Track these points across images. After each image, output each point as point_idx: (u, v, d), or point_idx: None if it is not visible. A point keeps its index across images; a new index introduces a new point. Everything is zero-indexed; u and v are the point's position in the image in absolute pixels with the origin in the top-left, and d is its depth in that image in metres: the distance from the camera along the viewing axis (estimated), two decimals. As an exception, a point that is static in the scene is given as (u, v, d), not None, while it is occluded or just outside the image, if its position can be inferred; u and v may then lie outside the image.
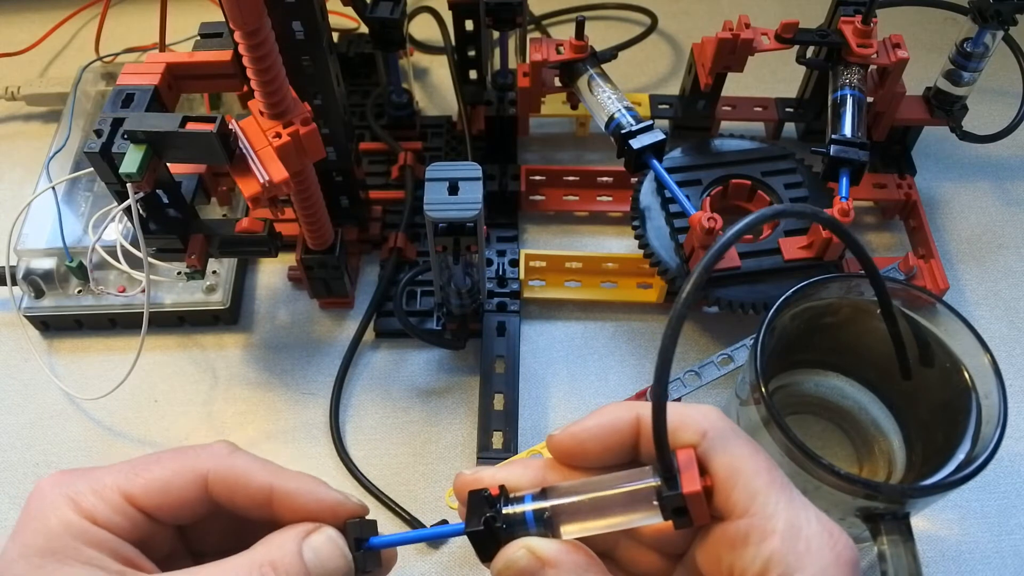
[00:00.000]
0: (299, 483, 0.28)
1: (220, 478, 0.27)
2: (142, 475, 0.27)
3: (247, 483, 0.27)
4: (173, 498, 0.27)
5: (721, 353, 0.43)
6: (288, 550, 0.26)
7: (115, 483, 0.26)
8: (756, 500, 0.24)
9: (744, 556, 0.24)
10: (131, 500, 0.26)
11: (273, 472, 0.28)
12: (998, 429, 0.31)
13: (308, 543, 0.26)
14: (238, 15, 0.32)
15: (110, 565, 0.25)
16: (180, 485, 0.27)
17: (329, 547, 0.26)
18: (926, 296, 0.35)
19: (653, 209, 0.48)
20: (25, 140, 0.61)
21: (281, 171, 0.36)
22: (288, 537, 0.26)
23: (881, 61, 0.49)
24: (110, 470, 0.27)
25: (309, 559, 0.26)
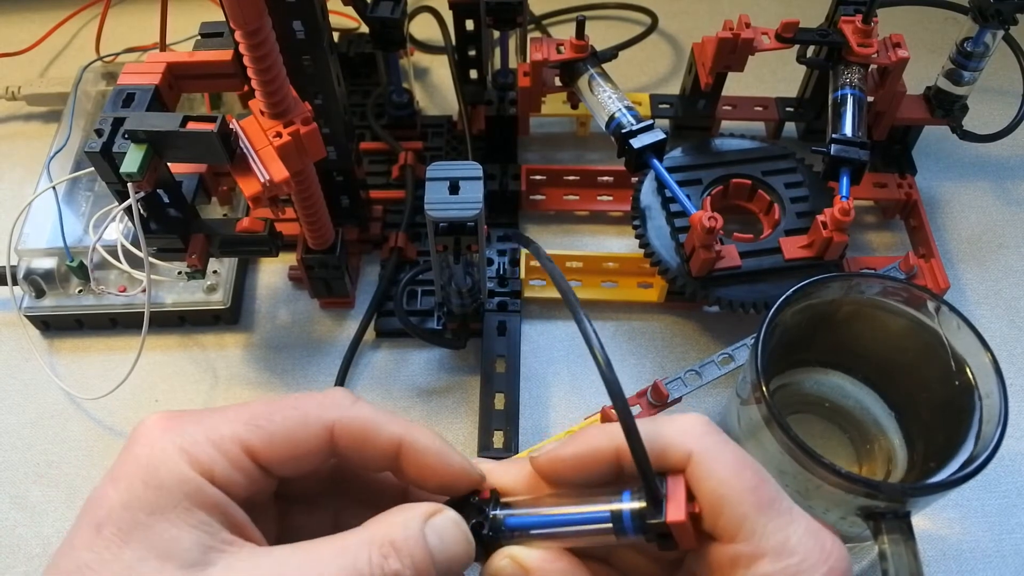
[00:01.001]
0: (430, 441, 0.26)
1: (347, 430, 0.25)
2: (264, 426, 0.24)
3: (376, 435, 0.25)
4: (298, 452, 0.25)
5: (722, 352, 0.43)
6: (412, 531, 0.24)
7: (235, 434, 0.24)
8: (744, 526, 0.23)
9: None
10: (252, 454, 0.24)
11: (402, 425, 0.26)
12: (999, 428, 0.31)
13: (432, 525, 0.24)
14: (238, 15, 0.32)
15: (221, 532, 0.23)
16: (305, 438, 0.25)
17: (454, 531, 0.25)
18: (927, 295, 0.35)
19: (653, 209, 0.48)
20: (25, 140, 0.61)
21: (282, 171, 0.36)
22: (411, 517, 0.24)
23: (881, 61, 0.49)
24: (224, 417, 0.24)
25: (433, 543, 0.24)
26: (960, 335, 0.35)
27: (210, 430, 0.24)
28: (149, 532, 0.22)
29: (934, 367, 0.36)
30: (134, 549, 0.21)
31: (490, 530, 0.26)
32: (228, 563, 0.22)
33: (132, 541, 0.22)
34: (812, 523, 0.24)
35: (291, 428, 0.24)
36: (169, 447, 0.23)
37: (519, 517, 0.26)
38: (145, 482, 0.22)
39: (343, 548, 0.23)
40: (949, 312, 0.35)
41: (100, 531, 0.22)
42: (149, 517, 0.22)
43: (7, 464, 0.45)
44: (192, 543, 0.22)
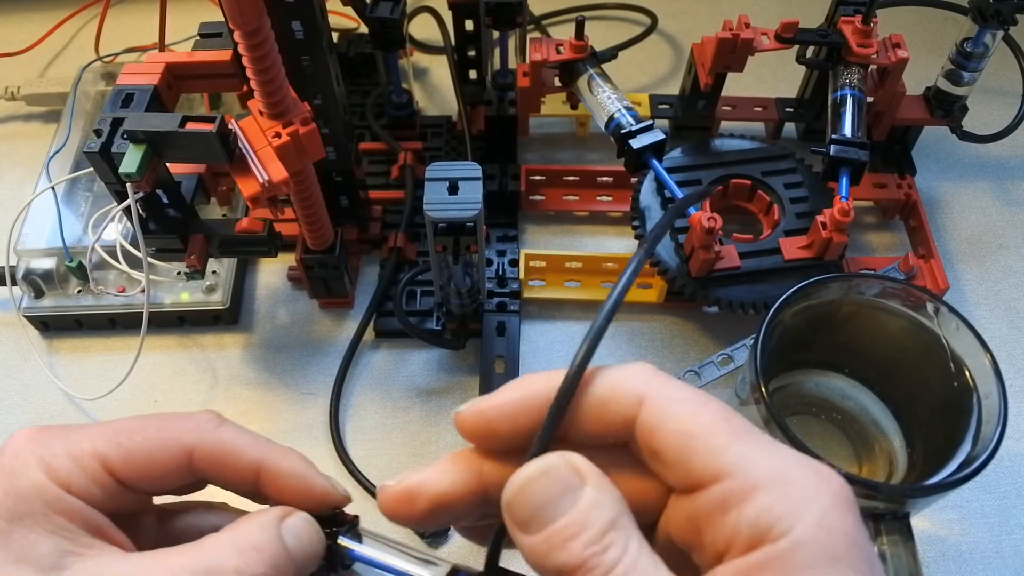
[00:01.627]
0: (289, 464, 0.26)
1: (206, 453, 0.26)
2: (124, 444, 0.25)
3: (235, 460, 0.26)
4: (155, 471, 0.25)
5: (721, 353, 0.43)
6: (270, 533, 0.24)
7: (94, 449, 0.25)
8: (725, 458, 0.20)
9: (728, 524, 0.19)
10: (110, 469, 0.25)
11: (263, 449, 0.26)
12: (998, 429, 0.31)
13: (286, 527, 0.25)
14: (238, 15, 0.32)
15: (81, 536, 0.24)
16: (164, 459, 0.25)
17: (308, 530, 0.26)
18: (926, 296, 0.35)
19: (653, 209, 0.48)
20: (25, 140, 0.61)
21: (281, 171, 0.36)
22: (267, 520, 0.25)
23: (881, 61, 0.49)
24: (89, 433, 0.25)
25: (290, 543, 0.25)
26: (959, 336, 0.35)
27: (72, 444, 0.25)
28: (8, 538, 0.23)
29: (933, 368, 0.36)
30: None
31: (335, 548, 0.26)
32: (83, 566, 0.23)
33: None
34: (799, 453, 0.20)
35: (150, 448, 0.25)
36: (30, 458, 0.24)
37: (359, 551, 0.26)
38: (6, 491, 0.23)
39: (201, 553, 0.24)
40: (948, 313, 0.35)
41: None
42: (8, 524, 0.23)
43: (6, 464, 0.45)
44: (49, 548, 0.23)
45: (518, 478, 0.21)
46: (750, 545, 0.19)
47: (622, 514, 0.20)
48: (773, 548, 0.18)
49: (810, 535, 0.18)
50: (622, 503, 0.20)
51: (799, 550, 0.18)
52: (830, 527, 0.19)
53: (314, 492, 0.26)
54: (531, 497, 0.20)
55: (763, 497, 0.19)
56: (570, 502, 0.20)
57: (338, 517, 0.27)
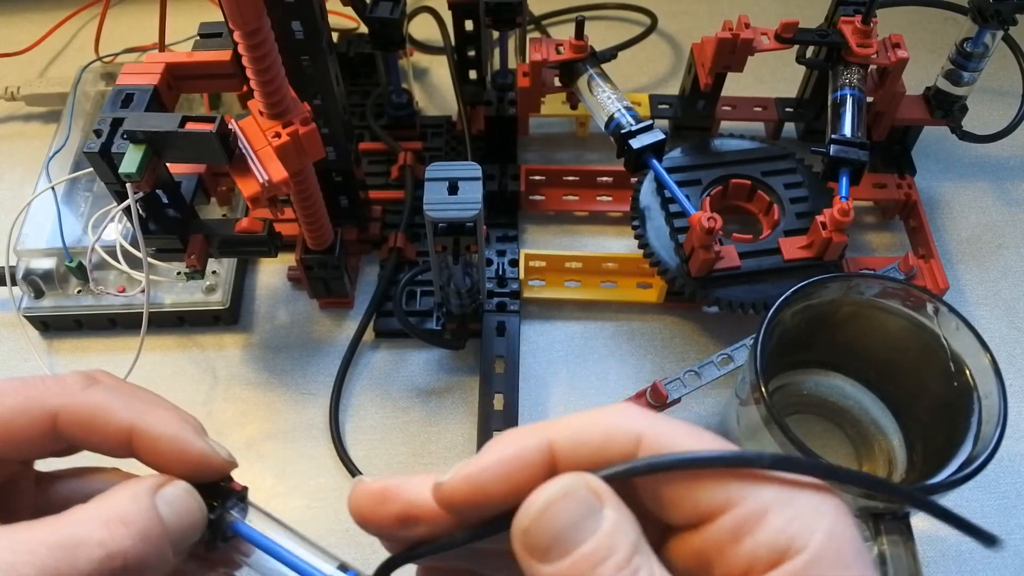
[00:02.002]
0: (164, 428, 0.24)
1: (73, 417, 0.24)
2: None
3: (104, 423, 0.24)
4: (15, 437, 0.23)
5: (721, 353, 0.43)
6: (142, 503, 0.22)
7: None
8: (732, 487, 0.20)
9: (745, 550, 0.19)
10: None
11: (135, 411, 0.24)
12: (998, 429, 0.31)
13: (161, 496, 0.23)
14: (237, 15, 0.32)
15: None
16: (24, 424, 0.23)
17: (186, 500, 0.23)
18: (926, 296, 0.35)
19: (653, 209, 0.48)
20: (25, 140, 0.61)
21: (280, 171, 0.36)
22: (139, 490, 0.23)
23: (881, 61, 0.49)
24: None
25: (165, 513, 0.22)
26: (959, 336, 0.34)
27: None
28: None
29: (933, 368, 0.36)
30: None
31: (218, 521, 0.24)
32: None
33: None
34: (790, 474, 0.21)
35: (7, 414, 0.23)
36: None
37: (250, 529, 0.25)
38: None
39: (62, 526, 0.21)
40: (948, 313, 0.35)
41: None
42: None
43: (6, 464, 0.45)
44: None
45: (538, 500, 0.19)
46: (771, 564, 0.19)
47: (641, 537, 0.19)
48: (792, 564, 0.19)
49: (825, 547, 0.19)
50: (639, 526, 0.20)
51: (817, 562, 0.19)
52: (840, 537, 0.19)
53: (190, 456, 0.24)
54: (553, 521, 0.19)
55: (776, 519, 0.19)
56: (594, 525, 0.19)
57: (224, 488, 0.25)
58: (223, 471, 0.25)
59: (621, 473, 0.19)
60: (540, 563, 0.19)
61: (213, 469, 0.25)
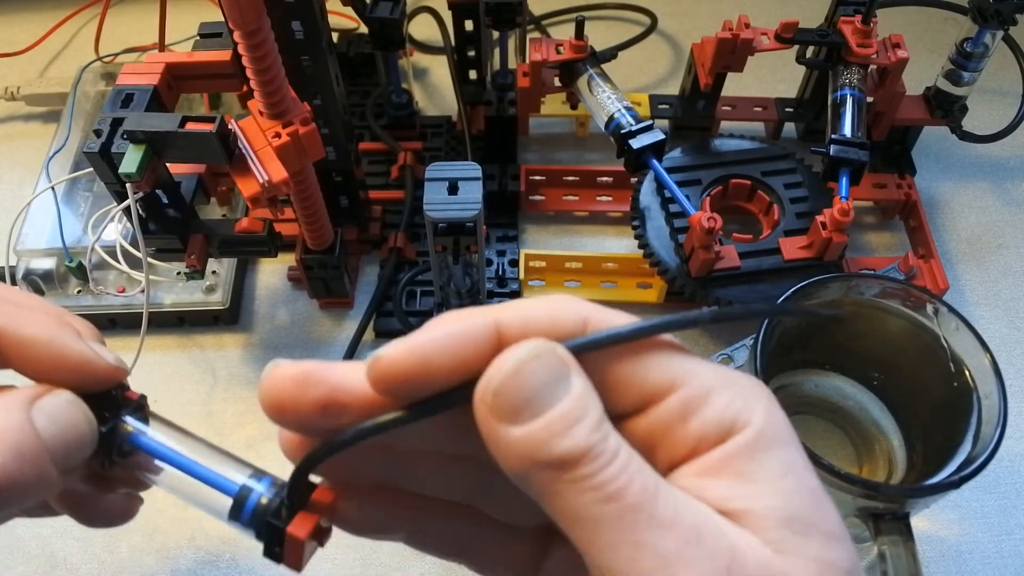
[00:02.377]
0: (36, 330, 0.21)
1: None
2: None
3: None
4: None
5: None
6: (14, 417, 0.20)
7: None
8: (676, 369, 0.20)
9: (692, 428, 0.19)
10: None
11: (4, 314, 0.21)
12: (998, 429, 0.31)
13: (39, 408, 0.20)
14: (237, 15, 0.32)
15: None
16: None
17: (69, 411, 0.21)
18: (926, 296, 0.35)
19: (653, 209, 0.48)
20: (25, 140, 0.61)
21: (280, 171, 0.36)
22: (12, 401, 0.20)
23: (881, 61, 0.49)
24: None
25: (43, 427, 0.20)
26: (959, 336, 0.34)
27: None
28: None
29: (933, 368, 0.36)
30: None
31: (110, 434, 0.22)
32: None
33: None
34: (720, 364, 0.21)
35: None
36: None
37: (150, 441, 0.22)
38: None
39: None
40: (948, 313, 0.35)
41: None
42: None
43: (6, 464, 0.45)
44: None
45: (508, 360, 0.18)
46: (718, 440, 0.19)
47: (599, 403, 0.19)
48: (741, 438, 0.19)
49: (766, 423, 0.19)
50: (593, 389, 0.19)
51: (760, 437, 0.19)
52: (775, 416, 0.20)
53: (69, 362, 0.21)
54: (525, 381, 0.18)
55: (720, 398, 0.19)
56: (565, 388, 0.18)
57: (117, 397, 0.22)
58: (111, 378, 0.22)
59: (585, 344, 0.19)
60: (510, 425, 0.18)
61: (98, 376, 0.22)
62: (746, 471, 0.19)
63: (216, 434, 0.45)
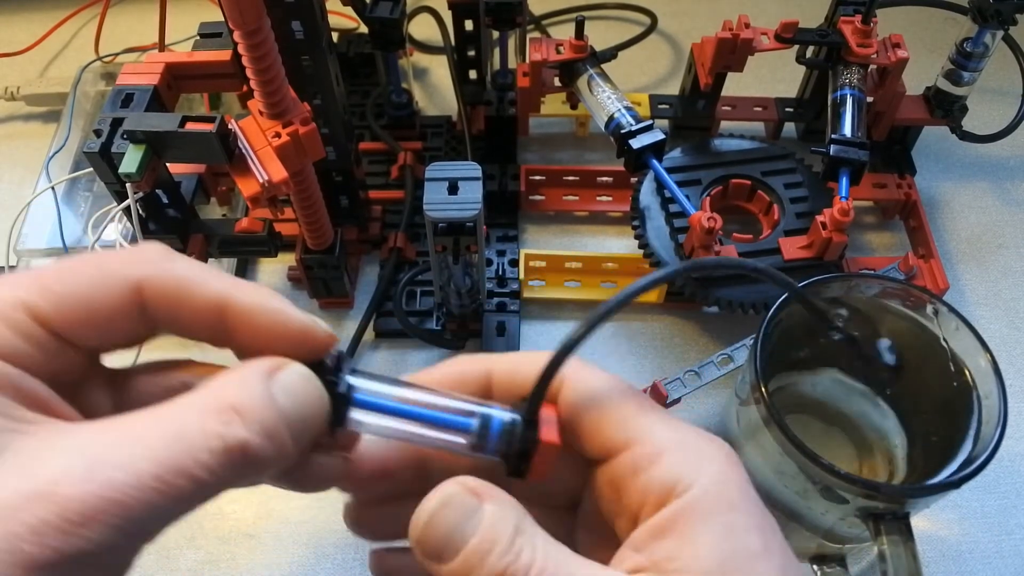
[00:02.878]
0: (258, 298, 0.22)
1: (158, 288, 0.21)
2: (52, 287, 0.20)
3: (193, 294, 0.21)
4: (97, 315, 0.20)
5: (721, 353, 0.43)
6: (255, 392, 0.20)
7: (16, 298, 0.19)
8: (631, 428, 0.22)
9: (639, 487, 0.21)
10: (40, 319, 0.19)
11: (226, 283, 0.21)
12: (998, 429, 0.31)
13: (278, 382, 0.20)
14: (237, 15, 0.32)
15: (17, 412, 0.18)
16: (107, 299, 0.20)
17: (305, 386, 0.21)
18: (926, 296, 0.35)
19: (653, 209, 0.48)
20: (25, 140, 0.61)
21: (280, 171, 0.36)
22: (251, 374, 0.20)
23: (881, 61, 0.49)
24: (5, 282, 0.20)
25: (283, 403, 0.20)
26: (959, 336, 0.34)
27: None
28: None
29: (933, 368, 0.36)
30: None
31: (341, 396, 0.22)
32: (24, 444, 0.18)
33: None
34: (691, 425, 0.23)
35: (87, 289, 0.20)
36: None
37: (371, 397, 0.22)
38: None
39: (171, 418, 0.19)
40: (948, 313, 0.35)
41: None
42: None
43: (6, 464, 0.45)
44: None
45: (422, 514, 0.21)
46: (660, 502, 0.21)
47: (522, 518, 0.21)
48: (680, 501, 0.21)
49: (710, 487, 0.21)
50: (520, 508, 0.21)
51: (702, 500, 0.21)
52: (726, 480, 0.21)
53: (291, 330, 0.22)
54: (438, 528, 0.20)
55: (667, 459, 0.21)
56: (475, 523, 0.20)
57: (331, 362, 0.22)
58: (327, 345, 0.22)
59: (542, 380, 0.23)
60: (437, 564, 0.21)
61: (317, 344, 0.22)
62: (688, 533, 0.20)
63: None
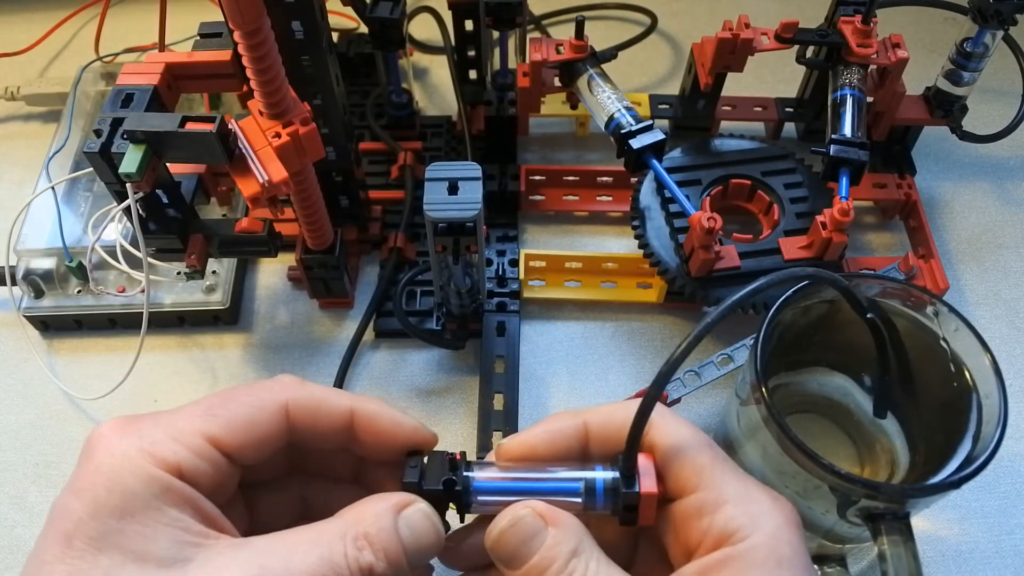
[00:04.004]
0: (378, 406, 0.27)
1: (301, 406, 0.26)
2: (221, 414, 0.25)
3: (328, 409, 0.27)
4: (258, 434, 0.25)
5: (721, 353, 0.43)
6: (384, 524, 0.24)
7: (194, 427, 0.24)
8: (704, 475, 0.25)
9: (700, 527, 0.25)
10: (215, 442, 0.24)
11: (350, 397, 0.27)
12: (998, 429, 0.31)
13: (404, 517, 0.25)
14: (237, 15, 0.32)
15: (194, 526, 0.23)
16: (264, 419, 0.25)
17: (425, 523, 0.26)
18: (926, 296, 0.35)
19: (653, 209, 0.48)
20: (25, 140, 0.61)
21: (280, 171, 0.36)
22: (383, 509, 0.25)
23: (881, 61, 0.49)
24: (179, 414, 0.25)
25: (405, 536, 0.25)
26: (959, 336, 0.34)
27: (169, 427, 0.24)
28: (122, 537, 0.22)
29: (933, 368, 0.36)
30: (110, 555, 0.22)
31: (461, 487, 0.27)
32: (206, 557, 0.22)
33: (106, 548, 0.22)
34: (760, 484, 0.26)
35: (249, 413, 0.25)
36: (131, 451, 0.23)
37: (488, 481, 0.27)
38: (109, 489, 0.22)
39: (318, 539, 0.24)
40: (948, 313, 0.35)
41: (71, 543, 0.22)
42: (120, 522, 0.22)
43: (6, 464, 0.45)
44: (168, 541, 0.22)
45: (494, 530, 0.26)
46: (715, 545, 0.24)
47: (582, 541, 0.25)
48: (733, 549, 0.24)
49: (764, 542, 0.24)
50: (581, 533, 0.26)
51: (754, 551, 0.23)
52: (780, 538, 0.24)
53: (405, 431, 0.28)
54: (507, 544, 0.25)
55: (731, 509, 0.24)
56: (538, 543, 0.25)
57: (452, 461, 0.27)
58: (432, 442, 0.28)
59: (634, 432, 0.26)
60: (506, 568, 0.26)
61: (424, 441, 0.28)
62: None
63: (216, 434, 0.45)
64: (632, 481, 0.26)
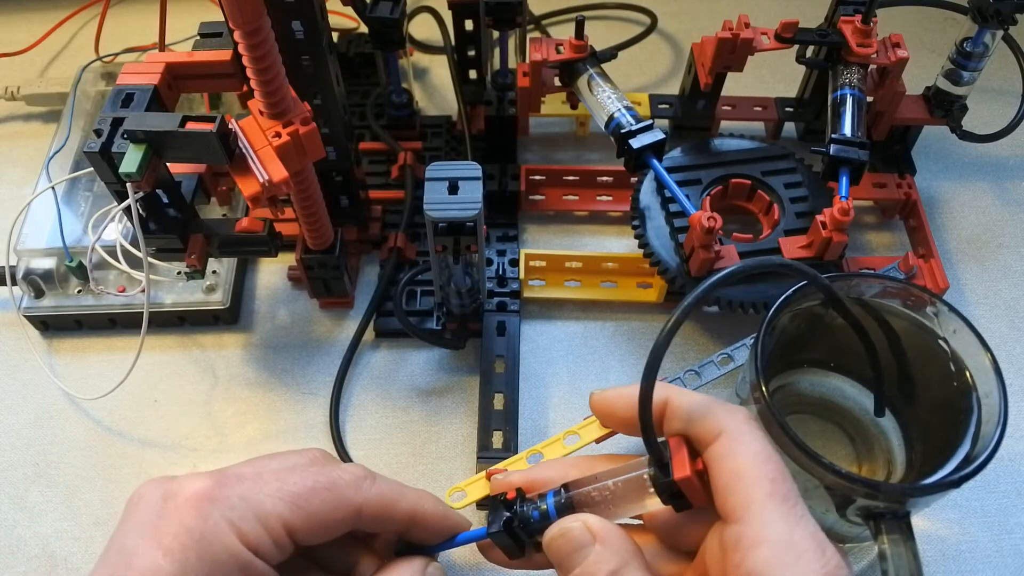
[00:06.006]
0: (433, 507, 0.32)
1: (372, 510, 0.30)
2: (304, 507, 0.28)
3: (394, 511, 0.30)
4: (330, 529, 0.29)
5: (721, 352, 0.43)
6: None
7: (278, 512, 0.27)
8: (750, 509, 0.25)
9: (732, 559, 0.25)
10: (291, 531, 0.27)
11: (413, 498, 0.31)
12: (998, 428, 0.31)
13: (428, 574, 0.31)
14: (237, 15, 0.32)
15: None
16: (339, 519, 0.29)
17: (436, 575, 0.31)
18: (926, 295, 0.35)
19: (653, 209, 0.48)
20: (25, 140, 0.61)
21: (281, 171, 0.36)
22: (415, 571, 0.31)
23: (881, 61, 0.49)
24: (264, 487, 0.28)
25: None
26: (959, 335, 0.34)
27: (255, 505, 0.27)
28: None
29: (933, 367, 0.36)
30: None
31: (520, 523, 0.30)
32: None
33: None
34: (820, 532, 0.25)
35: (327, 512, 0.29)
36: (221, 522, 0.26)
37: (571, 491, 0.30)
38: (200, 556, 0.25)
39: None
40: (948, 312, 0.35)
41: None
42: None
43: (6, 464, 0.45)
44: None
45: (547, 536, 0.29)
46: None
47: (628, 561, 0.26)
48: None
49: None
50: (628, 551, 0.27)
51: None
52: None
53: (450, 524, 0.32)
54: (557, 551, 0.28)
55: (765, 551, 0.24)
56: (582, 557, 0.27)
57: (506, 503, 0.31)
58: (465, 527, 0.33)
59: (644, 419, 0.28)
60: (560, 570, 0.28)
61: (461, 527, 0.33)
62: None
63: (216, 434, 0.45)
64: (665, 470, 0.27)
